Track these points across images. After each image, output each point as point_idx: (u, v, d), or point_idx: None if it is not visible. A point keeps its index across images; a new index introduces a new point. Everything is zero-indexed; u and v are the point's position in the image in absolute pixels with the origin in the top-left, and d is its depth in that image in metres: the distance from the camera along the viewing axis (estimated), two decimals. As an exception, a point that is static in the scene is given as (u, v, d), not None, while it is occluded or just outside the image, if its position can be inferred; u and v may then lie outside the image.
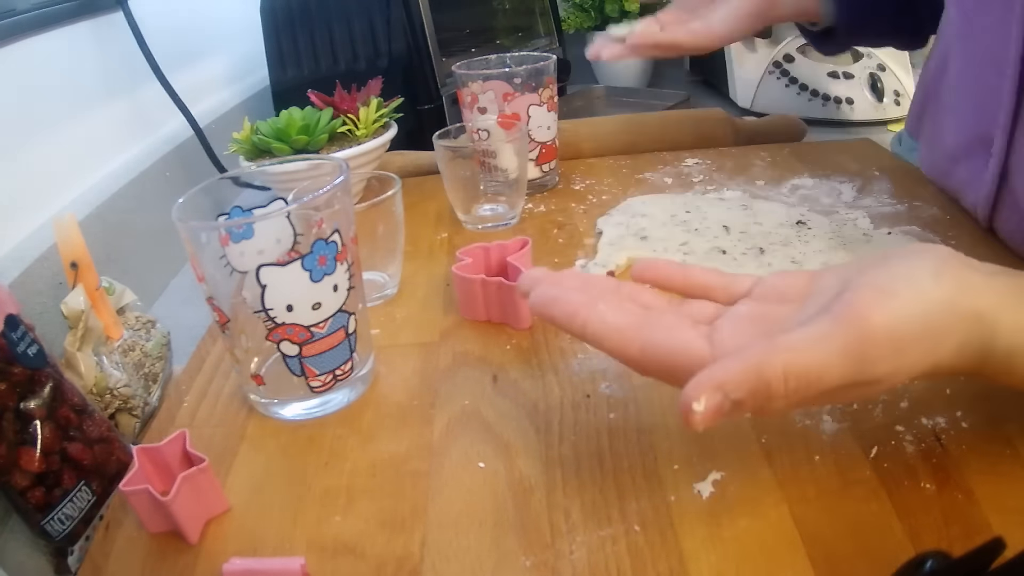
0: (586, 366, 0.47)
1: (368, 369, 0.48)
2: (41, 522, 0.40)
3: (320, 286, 0.42)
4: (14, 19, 0.64)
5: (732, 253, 0.58)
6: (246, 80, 1.09)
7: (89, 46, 0.75)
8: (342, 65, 0.95)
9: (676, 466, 0.39)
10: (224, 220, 0.44)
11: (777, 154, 0.80)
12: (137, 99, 0.81)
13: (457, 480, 0.40)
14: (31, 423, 0.40)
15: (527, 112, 0.71)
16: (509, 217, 0.69)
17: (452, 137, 0.69)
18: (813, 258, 0.56)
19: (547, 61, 0.72)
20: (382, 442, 0.43)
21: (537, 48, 1.17)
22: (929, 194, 0.66)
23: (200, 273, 0.41)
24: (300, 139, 0.67)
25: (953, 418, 0.40)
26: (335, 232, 0.42)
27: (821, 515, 0.35)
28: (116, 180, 0.72)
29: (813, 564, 0.33)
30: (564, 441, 0.41)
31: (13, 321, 0.41)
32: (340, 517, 0.38)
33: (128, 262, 0.68)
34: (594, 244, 0.63)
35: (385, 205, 0.55)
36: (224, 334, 0.44)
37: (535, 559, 0.34)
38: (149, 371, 0.55)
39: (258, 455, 0.44)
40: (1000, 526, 0.33)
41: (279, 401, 0.46)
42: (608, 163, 0.83)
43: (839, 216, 0.63)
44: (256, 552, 0.37)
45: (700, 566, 0.33)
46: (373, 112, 0.71)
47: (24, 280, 0.55)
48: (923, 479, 0.36)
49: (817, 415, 0.41)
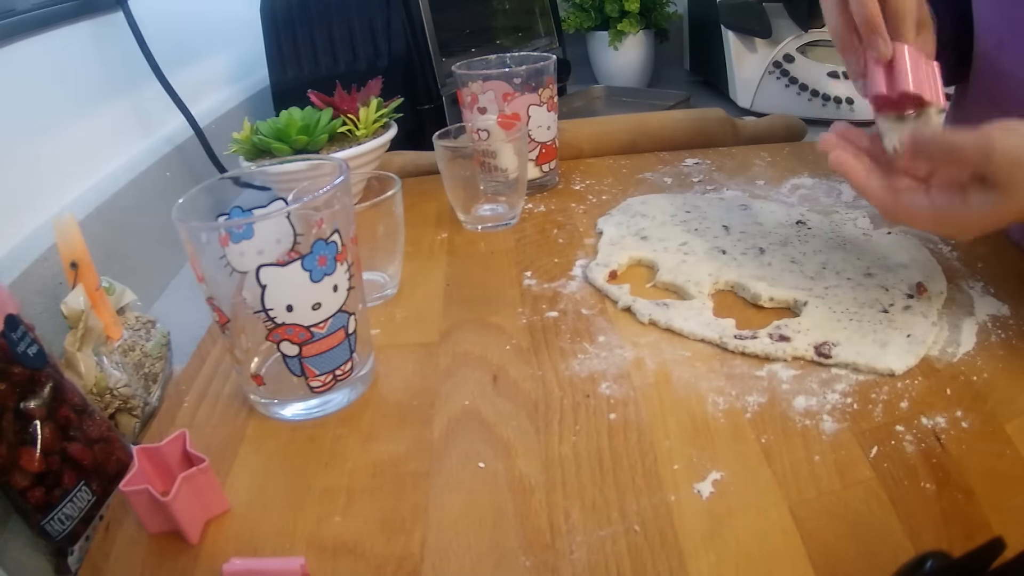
0: (586, 366, 0.47)
1: (368, 369, 0.48)
2: (41, 522, 0.40)
3: (320, 286, 0.42)
4: (14, 19, 0.64)
5: (732, 253, 0.58)
6: (246, 80, 1.08)
7: (89, 46, 0.75)
8: (342, 65, 0.95)
9: (676, 466, 0.39)
10: (224, 220, 0.44)
11: (777, 154, 0.80)
12: (137, 99, 0.81)
13: (457, 480, 0.40)
14: (31, 423, 0.40)
15: (527, 112, 0.71)
16: (509, 217, 0.69)
17: (452, 137, 0.69)
18: (813, 258, 0.56)
19: (547, 61, 0.72)
20: (382, 442, 0.43)
21: (537, 48, 1.17)
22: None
23: (200, 273, 0.41)
24: (300, 139, 0.67)
25: (953, 418, 0.40)
26: (335, 232, 0.42)
27: (821, 515, 0.35)
28: (116, 180, 0.72)
29: (813, 564, 0.33)
30: (564, 441, 0.41)
31: (13, 321, 0.41)
32: (340, 517, 0.38)
33: (128, 262, 0.68)
34: (594, 244, 0.63)
35: (385, 205, 0.56)
36: (224, 334, 0.44)
37: (535, 559, 0.34)
38: (149, 371, 0.55)
39: (258, 455, 0.44)
40: (1000, 526, 0.33)
41: (279, 401, 0.46)
42: (608, 163, 0.83)
43: (839, 216, 0.63)
44: (256, 552, 0.37)
45: (700, 566, 0.33)
46: (373, 112, 0.71)
47: (24, 280, 0.55)
48: (923, 479, 0.36)
49: (817, 415, 0.41)
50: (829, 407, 0.42)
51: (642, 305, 0.52)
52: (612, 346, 0.49)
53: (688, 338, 0.49)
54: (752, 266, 0.56)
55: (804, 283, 0.53)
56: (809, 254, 0.57)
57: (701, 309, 0.51)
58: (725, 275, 0.55)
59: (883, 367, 0.44)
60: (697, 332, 0.49)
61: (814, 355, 0.45)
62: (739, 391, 0.44)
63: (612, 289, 0.55)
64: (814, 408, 0.42)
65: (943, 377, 0.43)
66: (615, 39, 1.35)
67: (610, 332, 0.51)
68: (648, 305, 0.52)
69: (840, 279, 0.53)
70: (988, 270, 0.53)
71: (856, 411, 0.41)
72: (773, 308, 0.52)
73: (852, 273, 0.53)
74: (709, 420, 0.42)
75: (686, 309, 0.51)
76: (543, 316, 0.54)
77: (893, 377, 0.43)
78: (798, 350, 0.46)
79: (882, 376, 0.44)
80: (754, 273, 0.55)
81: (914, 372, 0.44)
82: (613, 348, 0.49)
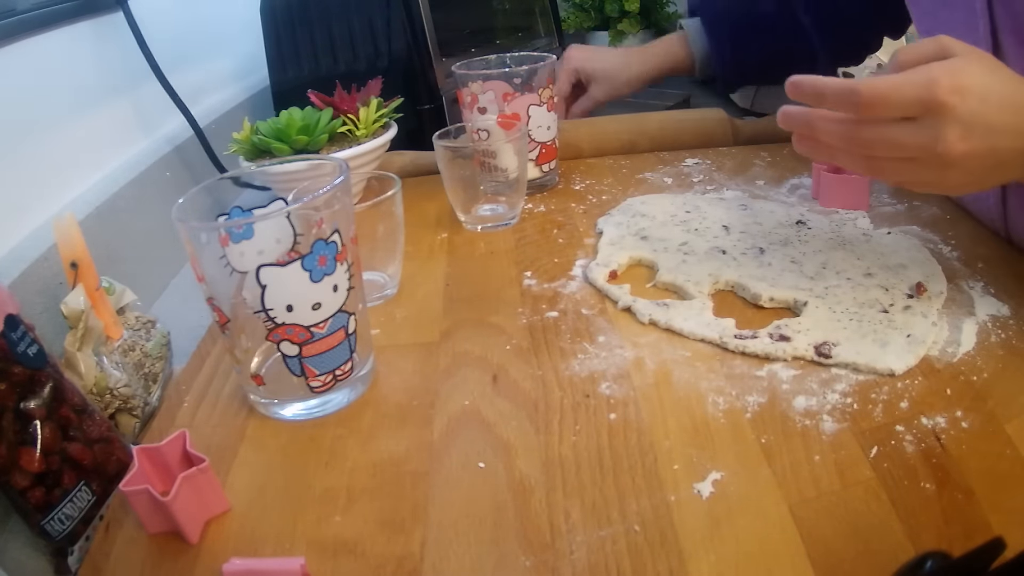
0: (586, 366, 0.47)
1: (368, 369, 0.48)
2: (41, 522, 0.40)
3: (320, 286, 0.42)
4: (14, 19, 0.64)
5: (732, 253, 0.58)
6: (246, 80, 1.08)
7: (89, 46, 0.75)
8: (342, 65, 0.95)
9: (676, 466, 0.39)
10: (224, 220, 0.44)
11: (777, 154, 0.80)
12: (137, 99, 0.81)
13: (457, 480, 0.40)
14: (31, 423, 0.40)
15: (527, 112, 0.71)
16: (509, 217, 0.69)
17: (452, 137, 0.69)
18: (813, 258, 0.56)
19: (547, 61, 0.72)
20: (382, 442, 0.43)
21: (537, 48, 1.17)
22: (929, 194, 0.66)
23: (200, 273, 0.41)
24: (300, 139, 0.67)
25: (953, 418, 0.40)
26: (335, 232, 0.42)
27: (821, 515, 0.35)
28: (116, 180, 0.72)
29: (813, 564, 0.33)
30: (564, 441, 0.41)
31: (13, 321, 0.41)
32: (340, 517, 0.38)
33: (128, 262, 0.68)
34: (594, 244, 0.63)
35: (385, 205, 0.56)
36: (224, 334, 0.44)
37: (535, 559, 0.34)
38: (149, 371, 0.55)
39: (258, 455, 0.44)
40: (1000, 526, 0.33)
41: (279, 401, 0.46)
42: (608, 163, 0.83)
43: (838, 216, 0.63)
44: (256, 552, 0.37)
45: (700, 566, 0.33)
46: (373, 112, 0.71)
47: (24, 280, 0.55)
48: (923, 479, 0.36)
49: (817, 415, 0.41)
50: (829, 407, 0.42)
51: (642, 305, 0.52)
52: (612, 346, 0.49)
53: (688, 338, 0.49)
54: (752, 266, 0.56)
55: (804, 283, 0.53)
56: (809, 254, 0.57)
57: (701, 309, 0.51)
58: (725, 275, 0.55)
59: (883, 367, 0.44)
60: (697, 332, 0.49)
61: (814, 355, 0.45)
62: (739, 391, 0.44)
63: (612, 289, 0.55)
64: (814, 408, 0.42)
65: (943, 377, 0.43)
66: (615, 39, 1.35)
67: (610, 332, 0.51)
68: (648, 305, 0.52)
69: (840, 279, 0.53)
70: (988, 270, 0.53)
71: (856, 411, 0.41)
72: (773, 308, 0.52)
73: (852, 273, 0.53)
74: (709, 420, 0.42)
75: (686, 309, 0.51)
76: (543, 316, 0.54)
77: (893, 377, 0.43)
78: (798, 350, 0.46)
79: (882, 376, 0.44)
80: (754, 273, 0.54)
81: (914, 372, 0.44)
82: (613, 348, 0.49)
